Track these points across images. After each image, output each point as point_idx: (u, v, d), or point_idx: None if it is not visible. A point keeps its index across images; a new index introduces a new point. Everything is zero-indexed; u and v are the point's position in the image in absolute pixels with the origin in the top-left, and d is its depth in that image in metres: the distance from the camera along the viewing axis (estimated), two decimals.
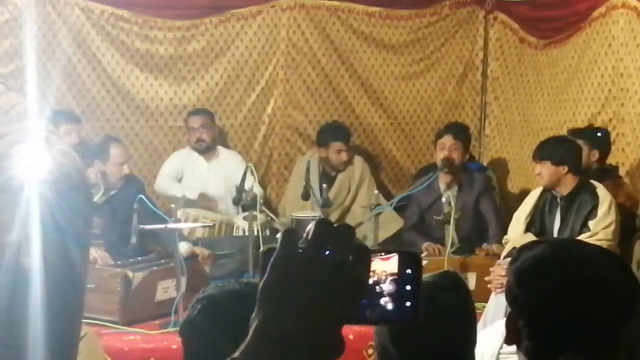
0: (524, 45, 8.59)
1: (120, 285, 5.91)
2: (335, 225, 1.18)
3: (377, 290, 1.21)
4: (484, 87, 9.09)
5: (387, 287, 1.21)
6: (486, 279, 6.03)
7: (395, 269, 1.22)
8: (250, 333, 1.14)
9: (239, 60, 8.43)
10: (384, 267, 1.22)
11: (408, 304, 1.22)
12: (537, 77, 8.42)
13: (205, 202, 7.72)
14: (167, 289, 6.10)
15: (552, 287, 2.17)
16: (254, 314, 1.15)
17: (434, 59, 8.97)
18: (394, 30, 8.81)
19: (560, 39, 8.10)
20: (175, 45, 8.24)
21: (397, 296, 1.22)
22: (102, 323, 5.76)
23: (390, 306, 1.22)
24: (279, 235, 1.18)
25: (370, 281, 1.20)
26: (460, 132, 7.59)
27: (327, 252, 1.16)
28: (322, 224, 1.17)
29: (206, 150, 7.87)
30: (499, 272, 5.92)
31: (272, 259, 1.16)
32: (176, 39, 8.23)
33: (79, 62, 7.92)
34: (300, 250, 1.16)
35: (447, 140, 7.42)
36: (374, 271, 1.20)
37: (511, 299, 2.25)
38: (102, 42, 8.00)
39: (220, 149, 7.99)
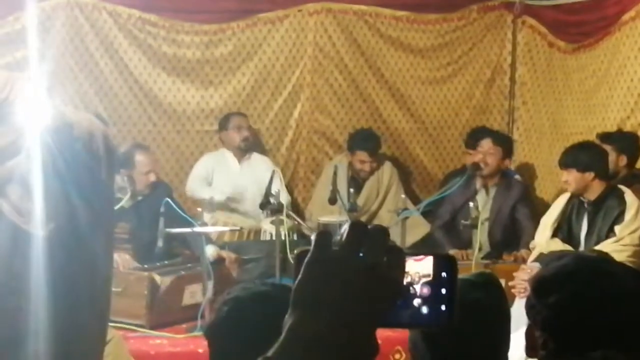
0: (552, 49, 8.55)
1: (147, 289, 5.92)
2: (369, 227, 1.17)
3: (411, 292, 1.20)
4: (512, 91, 9.05)
5: (422, 290, 1.20)
6: (510, 283, 6.02)
7: (428, 271, 1.21)
8: (284, 333, 1.14)
9: (266, 65, 8.43)
10: (417, 268, 1.21)
11: (443, 307, 1.21)
12: (566, 81, 8.37)
13: (233, 202, 7.74)
14: (195, 294, 6.10)
15: (567, 297, 2.16)
16: (287, 315, 1.15)
17: (461, 64, 8.94)
18: (421, 35, 8.79)
19: (589, 43, 8.05)
20: (203, 49, 8.24)
21: (432, 300, 1.21)
22: (128, 326, 5.77)
23: (425, 309, 1.20)
24: (313, 237, 1.17)
25: (404, 282, 1.19)
26: (498, 136, 7.63)
27: (360, 254, 1.15)
28: (356, 226, 1.17)
29: (246, 151, 7.91)
30: (523, 276, 5.91)
31: (306, 260, 1.16)
32: (203, 43, 8.24)
33: (106, 66, 7.94)
34: (334, 252, 1.15)
35: (486, 143, 7.45)
36: (407, 272, 1.19)
37: (528, 308, 2.25)
38: (129, 46, 8.02)
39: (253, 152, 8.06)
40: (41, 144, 1.44)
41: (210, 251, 6.34)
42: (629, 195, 6.27)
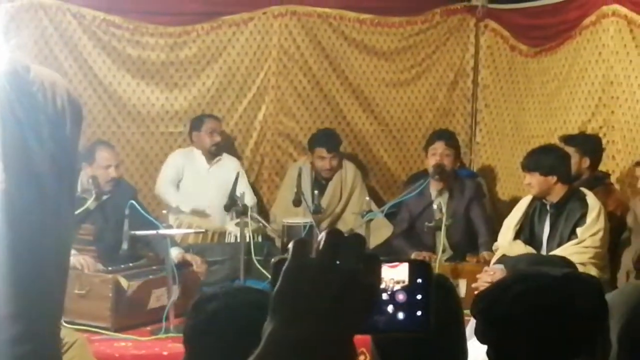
0: (514, 53, 8.61)
1: (112, 291, 5.90)
2: (345, 235, 1.19)
3: (385, 298, 1.22)
4: (474, 94, 9.11)
5: (398, 296, 1.22)
6: (473, 285, 6.06)
7: (403, 277, 1.23)
8: (263, 340, 1.16)
9: (231, 67, 8.43)
10: (392, 275, 1.23)
11: (419, 313, 1.23)
12: (528, 84, 8.44)
13: (198, 214, 7.72)
14: (160, 297, 6.09)
15: (507, 314, 2.19)
16: (266, 322, 1.16)
17: (425, 66, 8.99)
18: (385, 38, 8.83)
19: (550, 46, 8.13)
20: (167, 52, 8.23)
21: (408, 306, 1.23)
22: (92, 329, 5.76)
23: (401, 316, 1.23)
24: (290, 246, 1.19)
25: (380, 289, 1.22)
26: (451, 138, 7.63)
27: (337, 262, 1.17)
28: (333, 233, 1.18)
29: (216, 154, 7.91)
30: (486, 278, 5.95)
31: (284, 268, 1.17)
32: (168, 45, 8.23)
33: (70, 68, 7.90)
34: (311, 260, 1.17)
35: (439, 146, 7.45)
36: (382, 279, 1.21)
37: (478, 331, 2.28)
38: (93, 48, 7.99)
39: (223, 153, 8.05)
40: None
41: (175, 253, 6.33)
42: (590, 197, 6.34)
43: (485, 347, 3.10)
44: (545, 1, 8.22)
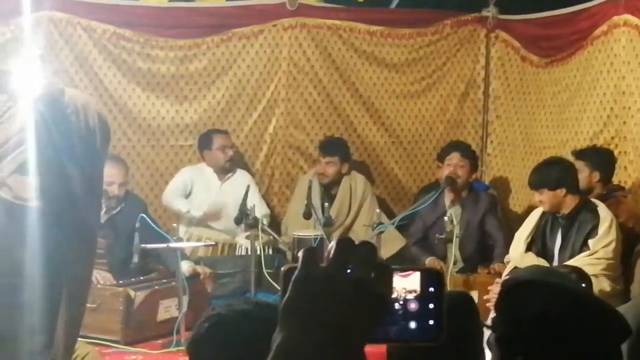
0: (525, 63, 8.60)
1: (123, 305, 5.90)
2: (356, 243, 1.17)
3: (397, 307, 1.21)
4: (485, 105, 9.10)
5: (410, 305, 1.21)
6: (485, 297, 6.03)
7: (414, 286, 1.21)
8: (273, 351, 1.14)
9: (241, 80, 8.43)
10: (404, 284, 1.21)
11: (431, 322, 1.21)
12: (539, 95, 8.42)
13: (210, 219, 7.70)
14: (169, 308, 6.09)
15: (529, 327, 2.17)
16: (276, 332, 1.15)
17: (435, 78, 8.98)
18: (395, 49, 8.82)
19: (562, 57, 8.11)
20: (177, 64, 8.23)
21: (421, 315, 1.21)
22: (104, 342, 5.75)
23: (413, 325, 1.21)
24: (300, 254, 1.18)
25: (392, 298, 1.20)
26: (467, 150, 7.64)
27: (348, 270, 1.15)
28: (343, 242, 1.17)
29: (229, 170, 7.88)
30: (497, 290, 5.91)
31: (294, 277, 1.16)
32: (178, 58, 8.23)
33: (80, 82, 7.90)
34: (322, 269, 1.16)
35: (454, 157, 7.48)
36: (394, 288, 1.20)
37: (493, 339, 2.26)
38: (104, 61, 8.00)
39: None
40: (34, 111, 1.45)
41: (186, 267, 6.32)
42: (602, 209, 6.31)
43: None
44: (556, 11, 8.21)
